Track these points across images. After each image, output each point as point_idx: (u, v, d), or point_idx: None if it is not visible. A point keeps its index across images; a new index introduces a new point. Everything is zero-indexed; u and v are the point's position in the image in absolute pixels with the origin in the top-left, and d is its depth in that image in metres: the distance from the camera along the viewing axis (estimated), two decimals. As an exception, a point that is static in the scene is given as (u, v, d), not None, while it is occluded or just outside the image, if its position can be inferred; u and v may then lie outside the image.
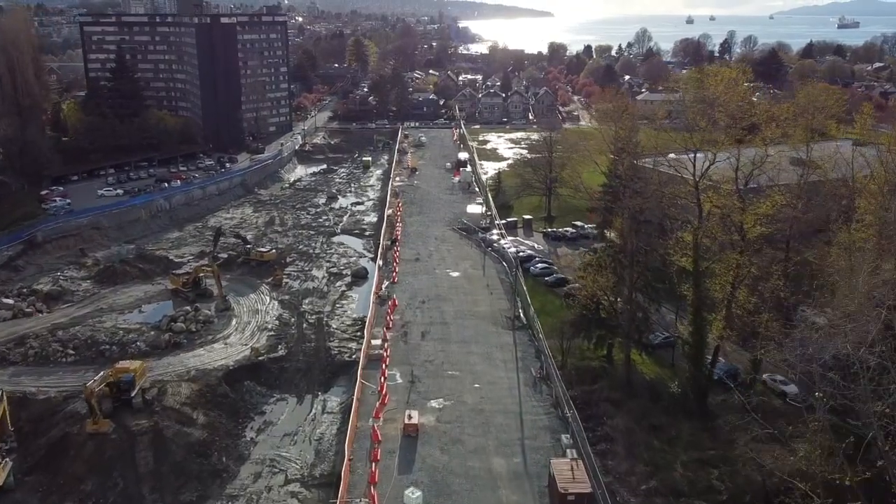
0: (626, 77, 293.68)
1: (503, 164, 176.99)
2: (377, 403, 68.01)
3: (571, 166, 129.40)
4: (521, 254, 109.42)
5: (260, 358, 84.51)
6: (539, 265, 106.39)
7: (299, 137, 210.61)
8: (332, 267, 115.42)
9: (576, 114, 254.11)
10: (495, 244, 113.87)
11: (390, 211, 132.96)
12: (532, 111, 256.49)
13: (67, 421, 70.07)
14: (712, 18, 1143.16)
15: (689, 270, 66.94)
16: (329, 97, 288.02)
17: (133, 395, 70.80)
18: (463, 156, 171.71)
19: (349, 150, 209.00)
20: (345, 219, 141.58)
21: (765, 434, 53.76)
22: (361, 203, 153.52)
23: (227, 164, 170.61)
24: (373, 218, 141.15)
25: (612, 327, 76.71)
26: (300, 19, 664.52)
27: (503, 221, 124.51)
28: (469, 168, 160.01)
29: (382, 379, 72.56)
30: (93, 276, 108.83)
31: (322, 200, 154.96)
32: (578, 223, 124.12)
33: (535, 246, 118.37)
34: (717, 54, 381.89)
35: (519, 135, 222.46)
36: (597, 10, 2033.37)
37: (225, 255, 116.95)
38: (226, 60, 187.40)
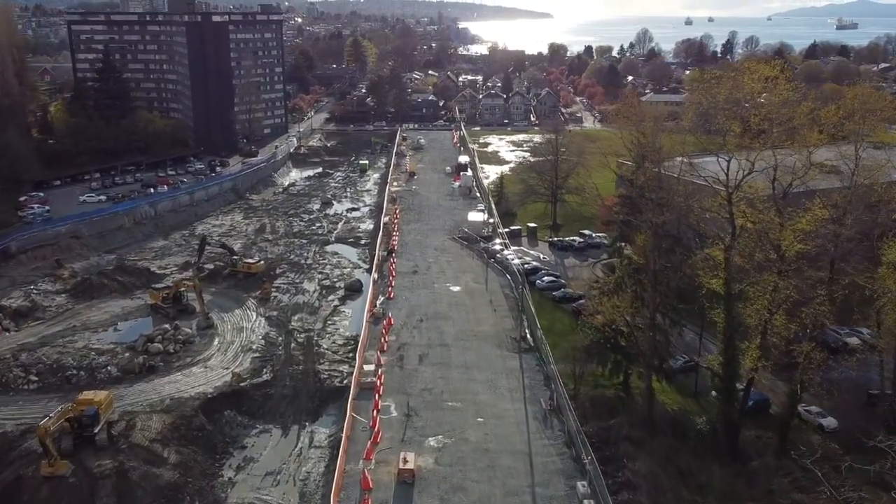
0: (630, 78, 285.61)
1: (505, 168, 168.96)
2: (368, 442, 59.88)
3: (581, 172, 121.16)
4: (526, 266, 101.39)
5: (242, 384, 76.41)
6: (546, 279, 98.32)
7: (294, 140, 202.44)
8: (325, 279, 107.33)
9: (579, 115, 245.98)
10: (498, 255, 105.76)
11: (387, 218, 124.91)
12: (534, 113, 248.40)
13: (23, 460, 62.09)
14: (711, 20, 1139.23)
15: (719, 293, 58.79)
16: (326, 98, 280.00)
17: (96, 430, 62.72)
18: (463, 159, 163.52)
19: (346, 152, 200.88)
20: (339, 226, 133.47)
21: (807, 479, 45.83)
22: (357, 209, 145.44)
23: (218, 168, 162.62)
24: (369, 225, 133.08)
25: (629, 353, 68.60)
26: (299, 20, 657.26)
27: (506, 230, 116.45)
28: (470, 172, 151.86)
29: (375, 413, 64.43)
30: (68, 290, 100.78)
31: (316, 206, 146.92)
32: (586, 232, 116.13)
33: (541, 256, 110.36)
34: (719, 55, 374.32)
35: (521, 137, 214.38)
36: (595, 12, 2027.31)
37: (211, 266, 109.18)
38: (217, 60, 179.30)
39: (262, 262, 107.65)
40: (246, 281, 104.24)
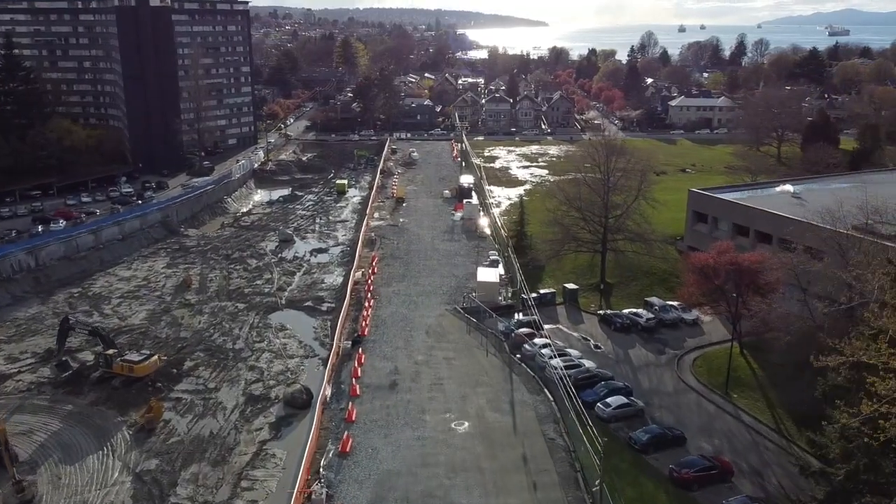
0: (649, 80, 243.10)
1: (520, 190, 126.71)
2: None
3: (643, 206, 78.10)
4: (573, 368, 59.16)
5: None
6: (612, 400, 55.52)
7: (261, 153, 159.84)
8: (257, 381, 64.91)
9: (597, 122, 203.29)
10: (527, 347, 63.66)
11: (360, 273, 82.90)
12: (544, 119, 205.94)
13: None
14: (703, 27, 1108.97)
15: None
16: (310, 104, 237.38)
17: None
18: (466, 181, 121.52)
19: (323, 168, 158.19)
20: (296, 278, 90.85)
21: None
22: (325, 250, 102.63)
23: (150, 193, 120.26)
24: (337, 277, 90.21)
25: None
26: (296, 26, 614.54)
27: (534, 295, 74.10)
28: (475, 199, 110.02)
29: None
30: None
31: (272, 245, 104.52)
32: (654, 300, 73.49)
33: (591, 344, 67.92)
34: (737, 58, 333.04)
35: (533, 149, 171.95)
36: (588, 21, 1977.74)
37: (90, 360, 67.25)
38: (158, 56, 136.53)
39: (155, 357, 64.94)
40: (126, 390, 62.12)
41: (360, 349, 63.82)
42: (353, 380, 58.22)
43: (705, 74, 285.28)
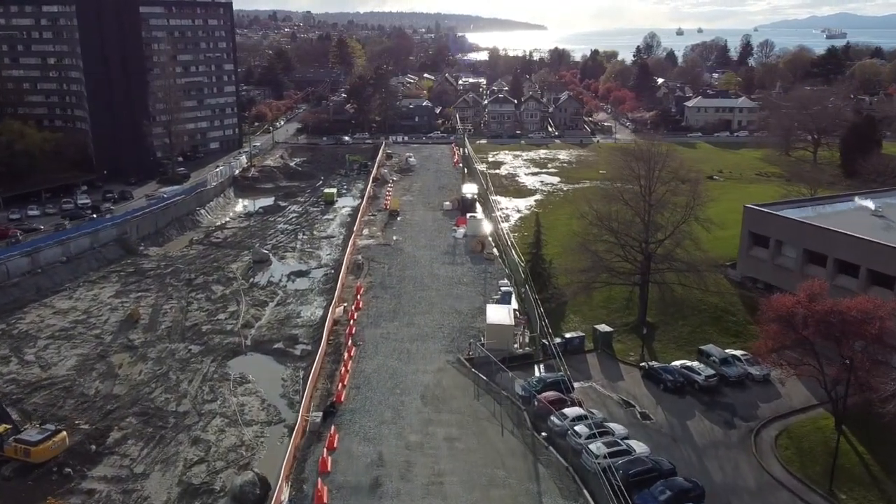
0: (660, 80, 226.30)
1: (530, 201, 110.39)
2: None
3: (693, 225, 61.00)
4: (620, 452, 42.81)
5: None
6: (682, 514, 39.06)
7: (244, 158, 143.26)
8: (199, 462, 48.46)
9: (607, 124, 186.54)
10: (555, 421, 47.05)
11: (341, 309, 66.28)
12: (551, 122, 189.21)
13: None
14: (700, 31, 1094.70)
15: None
16: (303, 105, 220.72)
17: None
18: (469, 191, 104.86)
19: (312, 174, 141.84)
20: (267, 311, 74.24)
21: None
22: (306, 273, 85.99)
23: (108, 205, 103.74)
24: (317, 309, 73.56)
25: None
26: (295, 29, 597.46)
27: (558, 340, 57.55)
28: (480, 214, 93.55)
29: None
30: None
31: (244, 267, 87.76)
32: (711, 349, 56.67)
33: (637, 410, 51.24)
34: (744, 58, 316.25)
35: (542, 153, 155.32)
36: (586, 24, 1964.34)
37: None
38: (126, 51, 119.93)
39: (64, 435, 48.34)
40: (21, 480, 45.74)
41: (334, 425, 47.14)
42: (320, 478, 41.55)
43: (714, 75, 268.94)
